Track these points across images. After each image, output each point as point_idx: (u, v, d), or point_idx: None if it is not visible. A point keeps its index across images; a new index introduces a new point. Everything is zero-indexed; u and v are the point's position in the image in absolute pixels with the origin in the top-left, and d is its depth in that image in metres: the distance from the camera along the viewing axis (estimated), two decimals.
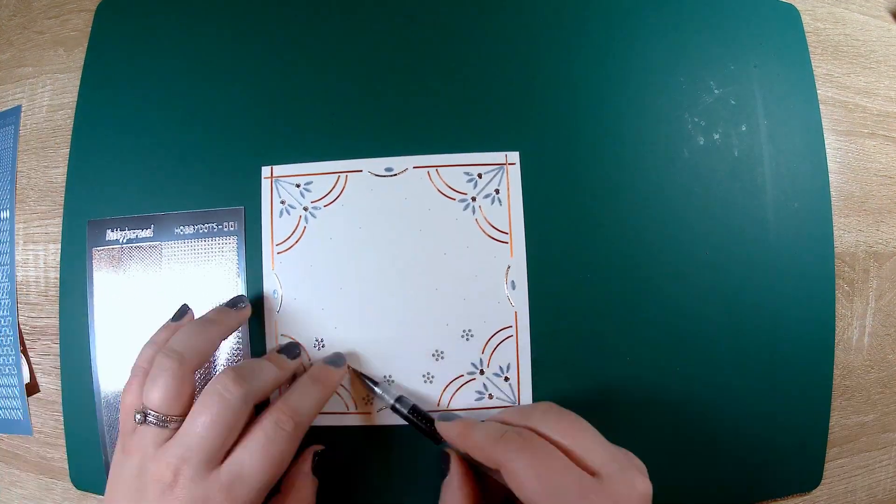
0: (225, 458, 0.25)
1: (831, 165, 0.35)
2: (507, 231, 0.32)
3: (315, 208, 0.33)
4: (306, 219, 0.32)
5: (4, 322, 0.36)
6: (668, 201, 0.33)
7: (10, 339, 0.35)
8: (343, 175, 0.33)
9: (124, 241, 0.33)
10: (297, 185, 0.33)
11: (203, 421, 0.24)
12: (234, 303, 0.30)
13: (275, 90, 0.34)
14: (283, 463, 0.25)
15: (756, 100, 0.35)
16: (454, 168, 0.33)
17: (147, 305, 0.33)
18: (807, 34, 0.36)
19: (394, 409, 0.30)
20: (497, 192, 0.33)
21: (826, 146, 0.35)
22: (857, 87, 0.37)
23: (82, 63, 0.35)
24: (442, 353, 0.32)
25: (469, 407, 0.32)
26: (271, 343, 0.32)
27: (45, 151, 0.36)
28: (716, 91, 0.35)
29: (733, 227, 0.34)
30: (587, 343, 0.32)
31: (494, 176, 0.33)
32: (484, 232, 0.32)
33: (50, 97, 0.36)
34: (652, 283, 0.33)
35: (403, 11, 0.34)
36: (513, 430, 0.24)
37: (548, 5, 0.34)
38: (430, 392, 0.32)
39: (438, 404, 0.32)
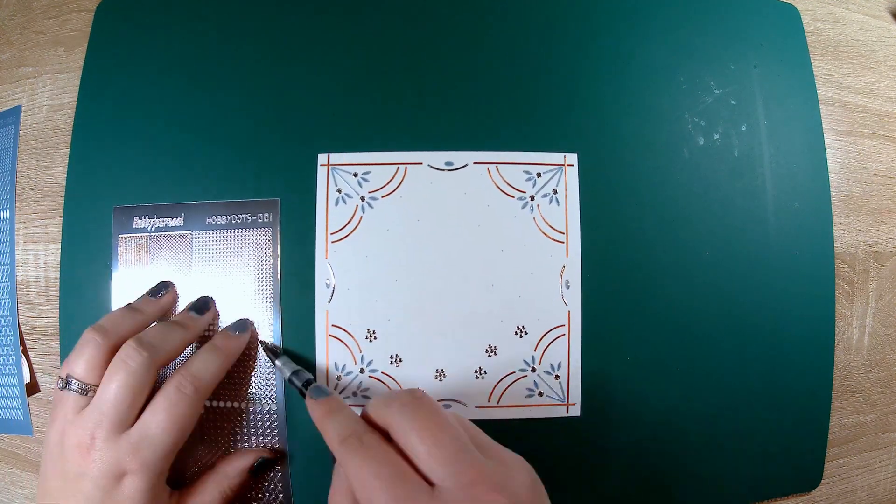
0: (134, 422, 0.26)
1: (831, 165, 0.35)
2: (564, 231, 0.33)
3: (373, 198, 0.32)
4: (363, 209, 0.32)
5: (4, 322, 0.36)
6: (670, 201, 0.33)
7: (10, 339, 0.35)
8: (402, 167, 0.33)
9: (153, 229, 0.33)
10: (355, 175, 0.33)
11: (111, 388, 0.26)
12: (199, 307, 0.31)
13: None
14: (187, 426, 0.27)
15: (756, 100, 0.35)
16: (514, 166, 0.33)
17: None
18: (807, 34, 0.36)
19: (289, 382, 0.30)
20: (555, 192, 0.33)
21: (826, 146, 0.35)
22: (857, 87, 0.37)
23: (82, 63, 0.35)
24: (495, 348, 0.32)
25: (520, 404, 0.32)
26: (321, 334, 0.32)
27: (45, 151, 0.36)
28: (716, 91, 0.35)
29: (733, 226, 0.34)
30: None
31: (553, 176, 0.33)
32: (541, 231, 0.33)
33: (50, 97, 0.36)
34: (652, 282, 0.33)
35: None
36: (355, 436, 0.24)
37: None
38: (482, 387, 0.32)
39: (489, 399, 0.32)
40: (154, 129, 0.34)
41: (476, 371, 0.32)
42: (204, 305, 0.31)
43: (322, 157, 0.33)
